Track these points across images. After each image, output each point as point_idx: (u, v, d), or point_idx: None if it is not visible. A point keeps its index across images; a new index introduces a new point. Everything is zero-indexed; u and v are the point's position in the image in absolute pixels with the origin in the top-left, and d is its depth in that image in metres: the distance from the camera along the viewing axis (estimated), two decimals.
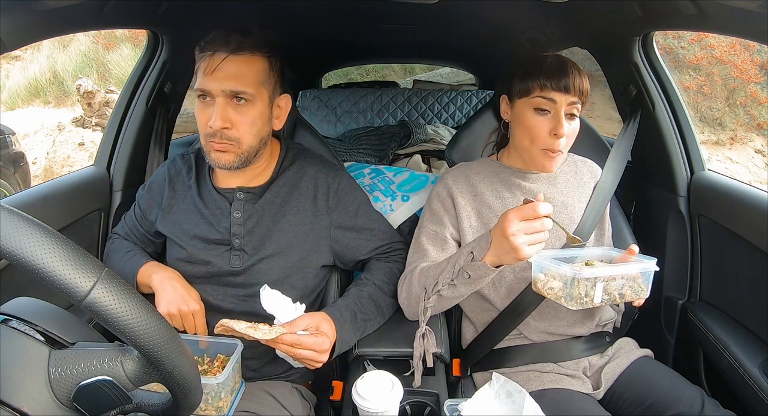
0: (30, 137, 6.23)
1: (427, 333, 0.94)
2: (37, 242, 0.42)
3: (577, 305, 0.86)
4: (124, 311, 0.44)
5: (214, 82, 0.91)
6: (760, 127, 6.70)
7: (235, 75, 0.91)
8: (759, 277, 1.08)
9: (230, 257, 1.01)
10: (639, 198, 1.46)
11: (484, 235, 0.89)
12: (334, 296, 1.13)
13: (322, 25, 1.96)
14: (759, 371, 1.02)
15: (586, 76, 0.99)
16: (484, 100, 3.05)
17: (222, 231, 1.01)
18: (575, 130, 1.01)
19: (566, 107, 0.97)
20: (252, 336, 0.83)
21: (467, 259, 0.89)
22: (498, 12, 1.65)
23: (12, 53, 5.59)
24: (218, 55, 0.91)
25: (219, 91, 0.91)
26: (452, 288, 0.92)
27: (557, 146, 0.98)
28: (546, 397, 0.96)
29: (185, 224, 1.03)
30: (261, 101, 0.95)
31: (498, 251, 0.85)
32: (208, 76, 0.91)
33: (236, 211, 1.02)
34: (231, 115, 0.93)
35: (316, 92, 3.06)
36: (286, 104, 1.03)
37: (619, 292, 0.90)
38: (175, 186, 1.07)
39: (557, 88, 0.96)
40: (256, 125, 0.96)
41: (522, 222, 0.80)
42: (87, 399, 0.50)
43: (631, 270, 0.90)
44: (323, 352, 0.89)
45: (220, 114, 0.92)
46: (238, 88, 0.91)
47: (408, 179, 1.53)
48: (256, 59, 0.93)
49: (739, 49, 6.94)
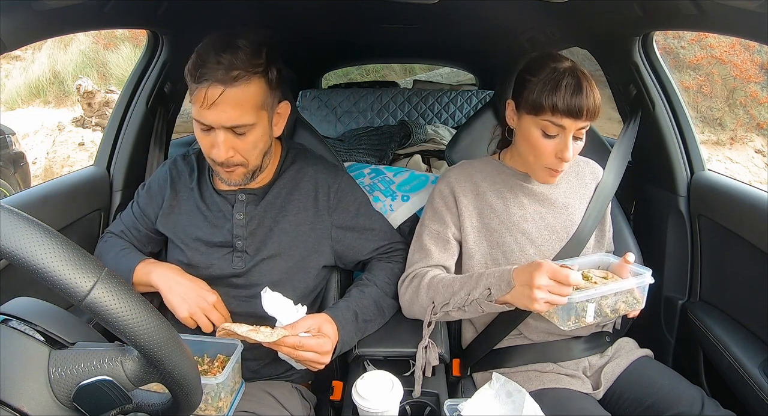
0: (30, 137, 6.23)
1: (430, 346, 0.94)
2: (37, 242, 0.42)
3: (570, 325, 0.88)
4: (124, 311, 0.44)
5: (212, 117, 0.88)
6: (760, 127, 6.70)
7: (233, 107, 0.87)
8: (759, 277, 1.08)
9: (232, 259, 1.01)
10: (639, 198, 1.46)
11: (506, 274, 0.89)
12: (334, 297, 1.13)
13: (322, 25, 1.96)
14: (759, 371, 1.02)
15: (597, 92, 0.94)
16: (484, 100, 3.05)
17: (224, 233, 1.01)
18: (581, 147, 0.99)
19: (577, 131, 0.95)
20: (254, 339, 0.83)
21: (483, 294, 0.90)
22: (498, 12, 1.65)
23: (12, 53, 5.59)
24: (214, 87, 0.85)
25: (219, 125, 0.88)
26: (461, 312, 0.94)
27: (561, 167, 0.98)
28: (546, 397, 0.96)
29: (188, 227, 1.03)
30: (262, 124, 0.93)
31: (515, 294, 0.87)
32: (204, 109, 0.87)
33: (238, 213, 1.02)
34: (234, 143, 0.91)
35: (316, 92, 3.07)
36: (285, 109, 1.01)
37: (612, 309, 0.90)
38: (177, 187, 1.07)
39: (570, 115, 0.92)
40: (258, 147, 0.95)
41: (551, 281, 0.81)
42: (87, 399, 0.50)
43: (624, 286, 0.90)
44: (326, 354, 0.89)
45: (224, 146, 0.90)
46: (236, 122, 0.88)
47: (408, 179, 1.53)
48: (252, 85, 0.88)
49: (739, 49, 6.95)
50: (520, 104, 0.99)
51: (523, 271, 0.86)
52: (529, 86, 0.96)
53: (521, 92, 0.98)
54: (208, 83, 0.85)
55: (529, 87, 0.96)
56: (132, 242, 1.10)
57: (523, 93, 0.98)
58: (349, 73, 6.71)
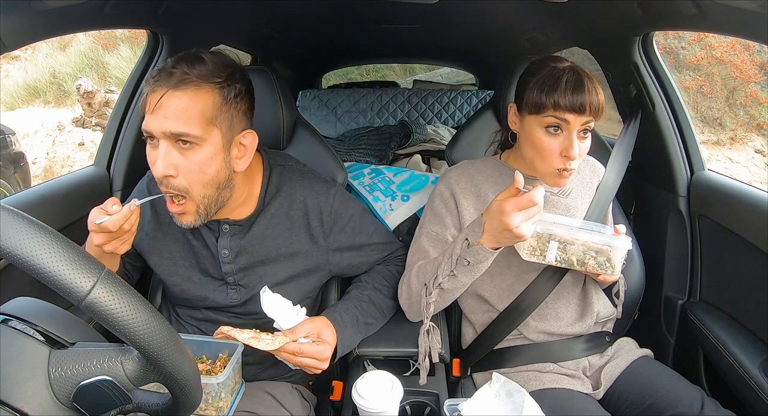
0: (30, 137, 6.23)
1: (431, 329, 0.94)
2: (37, 242, 0.42)
3: (528, 255, 0.88)
4: (124, 311, 0.44)
5: (154, 123, 0.79)
6: (760, 127, 6.70)
7: (175, 113, 0.78)
8: (759, 277, 1.08)
9: (227, 291, 0.98)
10: (639, 198, 1.46)
11: (476, 220, 0.89)
12: (334, 298, 1.13)
13: (322, 25, 1.96)
14: (759, 371, 1.02)
15: (600, 89, 0.93)
16: (484, 101, 3.05)
17: (215, 266, 0.97)
18: (587, 147, 0.97)
19: (581, 126, 0.93)
20: (255, 346, 0.83)
21: (463, 246, 0.89)
22: (498, 12, 1.65)
23: (12, 53, 5.59)
24: (158, 90, 0.78)
25: (160, 132, 0.79)
26: (453, 279, 0.92)
27: (569, 166, 0.95)
28: (546, 397, 0.96)
29: (176, 252, 0.98)
30: (210, 144, 0.81)
31: (498, 238, 0.86)
32: (149, 115, 0.79)
33: (223, 249, 0.95)
34: (175, 160, 0.80)
35: (316, 92, 3.07)
36: (252, 141, 0.88)
37: (578, 258, 0.90)
38: (158, 209, 0.97)
39: (572, 110, 0.90)
40: (206, 172, 0.82)
41: (521, 212, 0.81)
42: (87, 399, 0.50)
43: (595, 240, 0.90)
44: (324, 360, 0.89)
45: (163, 159, 0.79)
46: (179, 129, 0.78)
47: (408, 179, 1.53)
48: (202, 92, 0.79)
49: (739, 49, 6.95)
50: (522, 105, 0.98)
51: (491, 217, 0.85)
52: (529, 87, 0.95)
53: (522, 94, 0.98)
54: (155, 85, 0.79)
55: (529, 88, 0.95)
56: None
57: (524, 94, 0.97)
58: (349, 73, 6.72)
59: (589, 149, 0.97)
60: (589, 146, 0.97)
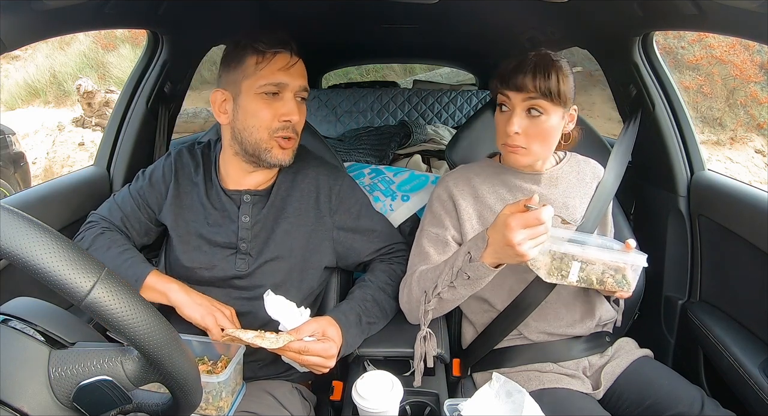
0: (30, 137, 6.23)
1: (428, 336, 0.94)
2: (37, 242, 0.42)
3: (547, 276, 0.89)
4: (124, 311, 0.44)
5: (290, 78, 0.97)
6: (760, 127, 6.70)
7: (303, 75, 1.00)
8: (759, 277, 1.08)
9: (235, 260, 1.00)
10: (639, 198, 1.46)
11: (480, 234, 0.89)
12: (334, 298, 1.13)
13: (322, 26, 1.95)
14: (759, 371, 1.02)
15: (561, 75, 0.96)
16: (484, 100, 3.06)
17: (229, 234, 1.01)
18: (541, 129, 0.98)
19: (522, 103, 0.97)
20: (259, 345, 0.83)
21: (465, 259, 0.90)
22: (498, 12, 1.65)
23: (12, 53, 5.59)
24: (287, 54, 0.97)
25: (296, 85, 0.98)
26: (452, 290, 0.92)
27: (511, 141, 0.99)
28: (546, 397, 0.96)
29: (191, 222, 1.02)
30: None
31: (500, 255, 0.86)
32: (284, 71, 0.97)
33: (244, 215, 1.02)
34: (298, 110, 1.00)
35: (316, 92, 3.07)
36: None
37: (598, 278, 0.91)
38: (181, 179, 1.06)
39: (510, 87, 0.97)
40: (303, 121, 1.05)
41: (526, 230, 0.81)
42: (87, 399, 0.50)
43: (614, 259, 0.90)
44: (331, 358, 0.89)
45: (297, 108, 0.99)
46: (306, 85, 1.01)
47: (408, 179, 1.53)
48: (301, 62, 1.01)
49: (739, 49, 6.95)
50: None
51: (495, 232, 0.85)
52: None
53: None
54: (281, 49, 0.97)
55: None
56: (130, 232, 1.06)
57: None
58: (349, 73, 6.71)
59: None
60: (545, 128, 0.98)
